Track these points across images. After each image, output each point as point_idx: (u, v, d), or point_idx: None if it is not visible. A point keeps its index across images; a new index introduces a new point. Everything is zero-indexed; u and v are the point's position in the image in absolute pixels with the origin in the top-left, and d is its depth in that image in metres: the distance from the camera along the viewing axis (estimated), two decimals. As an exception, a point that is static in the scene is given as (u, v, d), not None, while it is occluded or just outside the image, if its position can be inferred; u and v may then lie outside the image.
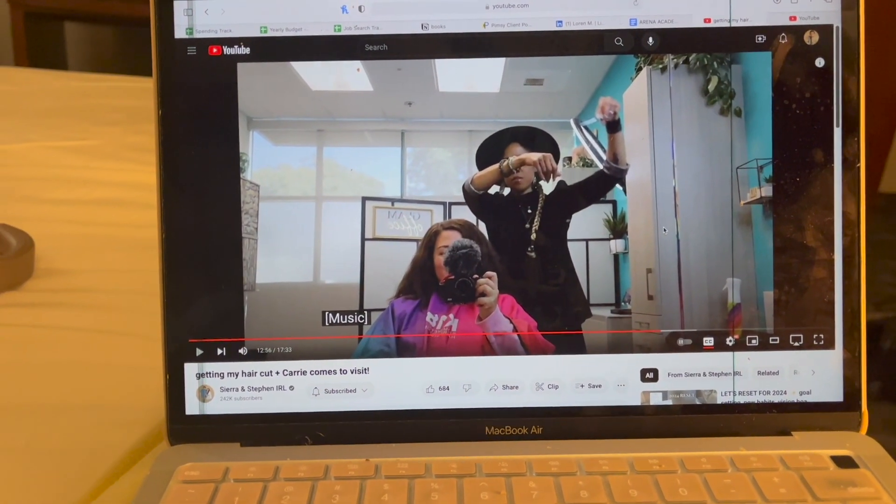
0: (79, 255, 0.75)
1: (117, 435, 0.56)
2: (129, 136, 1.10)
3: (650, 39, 0.40)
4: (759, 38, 0.40)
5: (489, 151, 0.41)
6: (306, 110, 0.41)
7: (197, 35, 0.40)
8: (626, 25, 0.40)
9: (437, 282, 0.41)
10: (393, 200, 0.41)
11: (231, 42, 0.40)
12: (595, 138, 0.41)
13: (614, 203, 0.41)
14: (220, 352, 0.41)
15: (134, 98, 1.27)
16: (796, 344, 0.41)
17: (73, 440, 0.55)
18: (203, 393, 0.41)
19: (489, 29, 0.40)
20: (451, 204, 0.41)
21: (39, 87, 1.28)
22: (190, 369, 0.41)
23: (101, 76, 1.35)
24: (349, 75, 0.40)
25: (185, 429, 0.41)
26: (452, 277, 0.41)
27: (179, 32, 0.40)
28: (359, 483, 0.37)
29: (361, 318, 0.41)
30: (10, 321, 0.63)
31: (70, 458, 0.53)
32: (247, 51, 0.40)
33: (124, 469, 0.46)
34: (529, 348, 0.41)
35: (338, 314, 0.41)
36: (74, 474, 0.51)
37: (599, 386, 0.41)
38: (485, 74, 0.40)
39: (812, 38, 0.40)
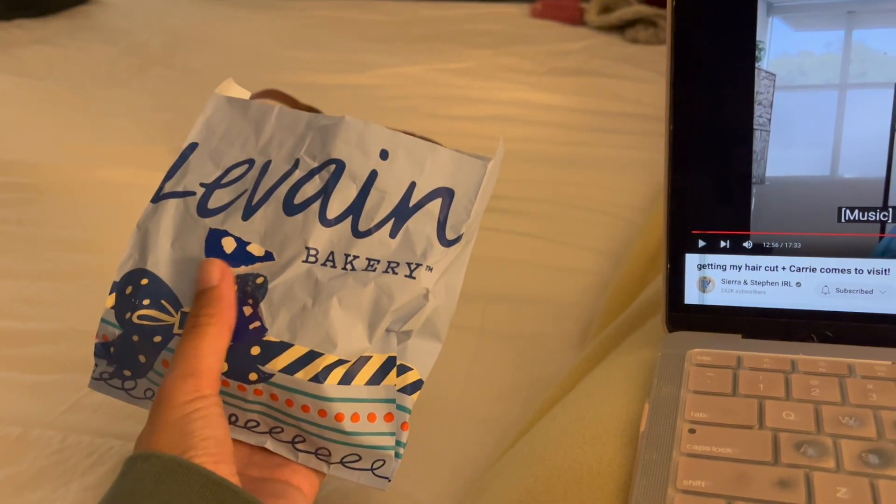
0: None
1: (558, 327, 0.60)
2: (499, 58, 1.16)
3: None
4: None
5: None
6: (835, -9, 0.38)
7: (720, -82, 0.39)
8: None
9: None
10: (936, 86, 0.37)
11: (754, -77, 0.38)
12: None
13: None
14: (723, 244, 0.41)
15: (494, 23, 1.33)
16: None
17: (518, 327, 0.60)
18: (704, 284, 0.41)
19: None
20: None
21: (408, 16, 1.39)
22: (691, 260, 0.41)
23: (459, 4, 1.43)
24: (891, -52, 0.37)
25: (685, 317, 0.42)
26: None
27: (701, -83, 0.39)
28: (894, 384, 0.35)
29: (885, 216, 0.38)
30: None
31: (518, 343, 0.58)
32: (771, -69, 0.38)
33: (591, 359, 0.49)
34: None
35: (857, 210, 0.39)
36: (523, 357, 0.56)
37: None
38: None
39: None
